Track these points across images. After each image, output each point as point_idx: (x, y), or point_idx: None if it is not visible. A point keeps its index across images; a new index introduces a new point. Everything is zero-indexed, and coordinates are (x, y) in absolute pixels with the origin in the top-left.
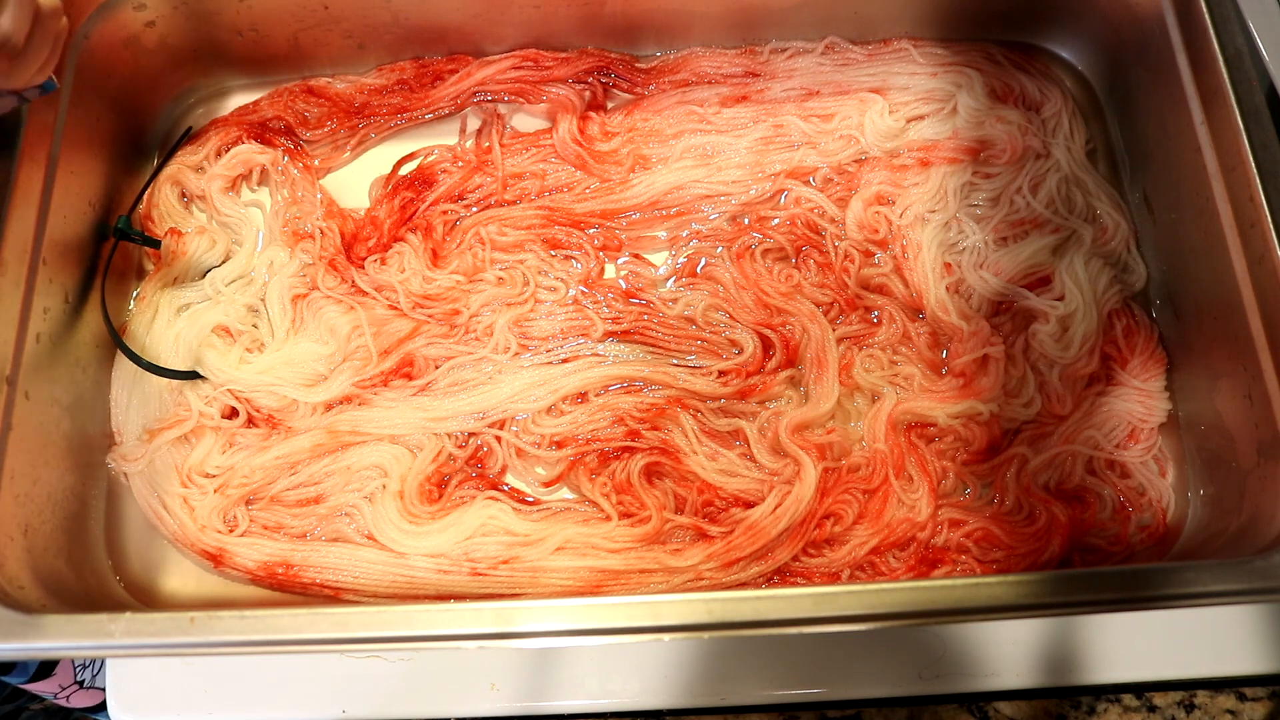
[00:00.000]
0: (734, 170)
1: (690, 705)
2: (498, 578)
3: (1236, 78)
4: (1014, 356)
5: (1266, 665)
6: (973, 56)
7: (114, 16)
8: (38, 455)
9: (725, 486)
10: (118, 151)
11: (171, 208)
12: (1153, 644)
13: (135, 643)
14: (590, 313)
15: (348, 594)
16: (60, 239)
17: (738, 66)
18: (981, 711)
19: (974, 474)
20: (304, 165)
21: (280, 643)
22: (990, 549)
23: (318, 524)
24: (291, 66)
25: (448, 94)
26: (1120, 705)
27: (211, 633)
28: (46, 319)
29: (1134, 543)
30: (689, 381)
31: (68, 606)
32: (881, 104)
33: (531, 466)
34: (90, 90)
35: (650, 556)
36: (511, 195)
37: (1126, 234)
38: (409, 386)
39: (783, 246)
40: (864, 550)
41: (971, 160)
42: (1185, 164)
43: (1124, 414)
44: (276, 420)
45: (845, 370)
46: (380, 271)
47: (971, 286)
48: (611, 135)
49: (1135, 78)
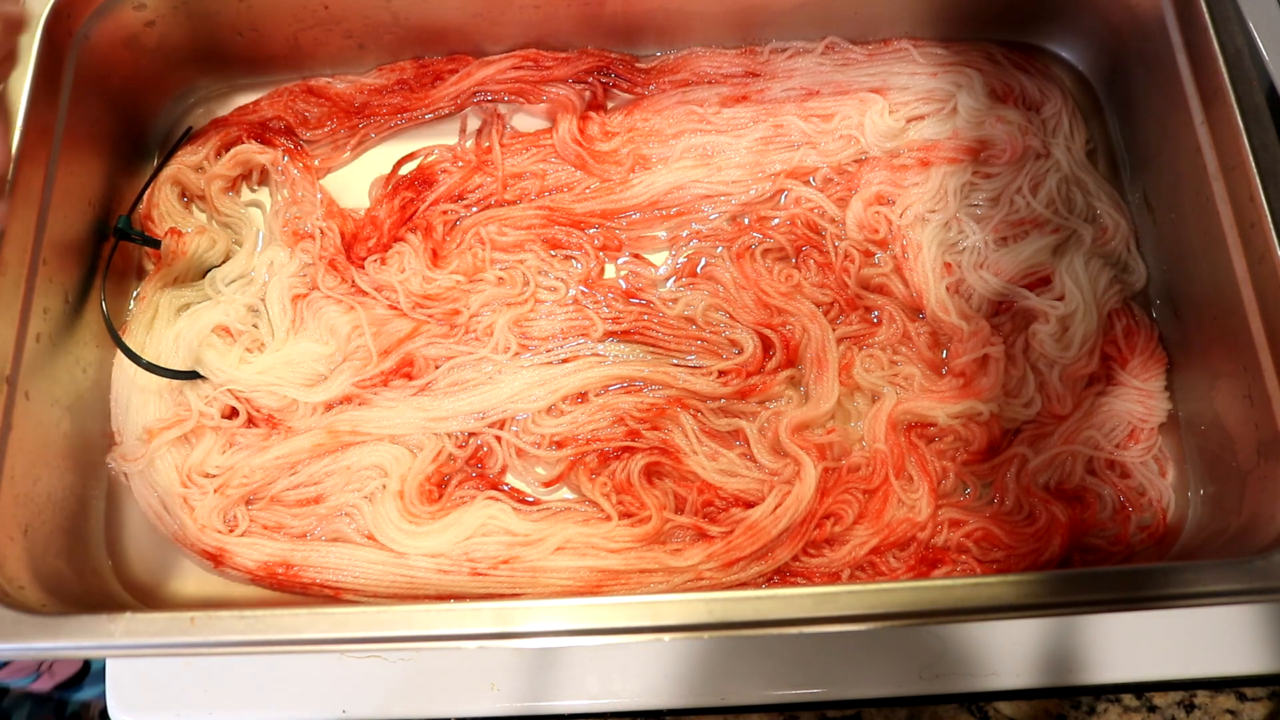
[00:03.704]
0: (734, 170)
1: (690, 705)
2: (498, 578)
3: (1236, 78)
4: (1014, 356)
5: (1266, 665)
6: (973, 56)
7: (114, 16)
8: (38, 455)
9: (725, 486)
10: (118, 151)
11: (171, 208)
12: (1153, 644)
13: (135, 643)
14: (590, 313)
15: (348, 594)
16: (60, 239)
17: (738, 66)
18: (981, 711)
19: (974, 474)
20: (304, 165)
21: (280, 643)
22: (990, 549)
23: (318, 524)
24: (291, 66)
25: (448, 94)
26: (1120, 705)
27: (211, 633)
28: (46, 319)
29: (1134, 543)
30: (689, 381)
31: (68, 606)
32: (881, 104)
33: (531, 466)
34: (90, 90)
35: (650, 556)
36: (511, 195)
37: (1126, 234)
38: (409, 386)
39: (783, 246)
40: (864, 550)
41: (971, 160)
42: (1185, 164)
43: (1124, 414)
44: (276, 420)
45: (845, 370)
46: (380, 271)
47: (971, 286)
48: (611, 135)
49: (1135, 78)
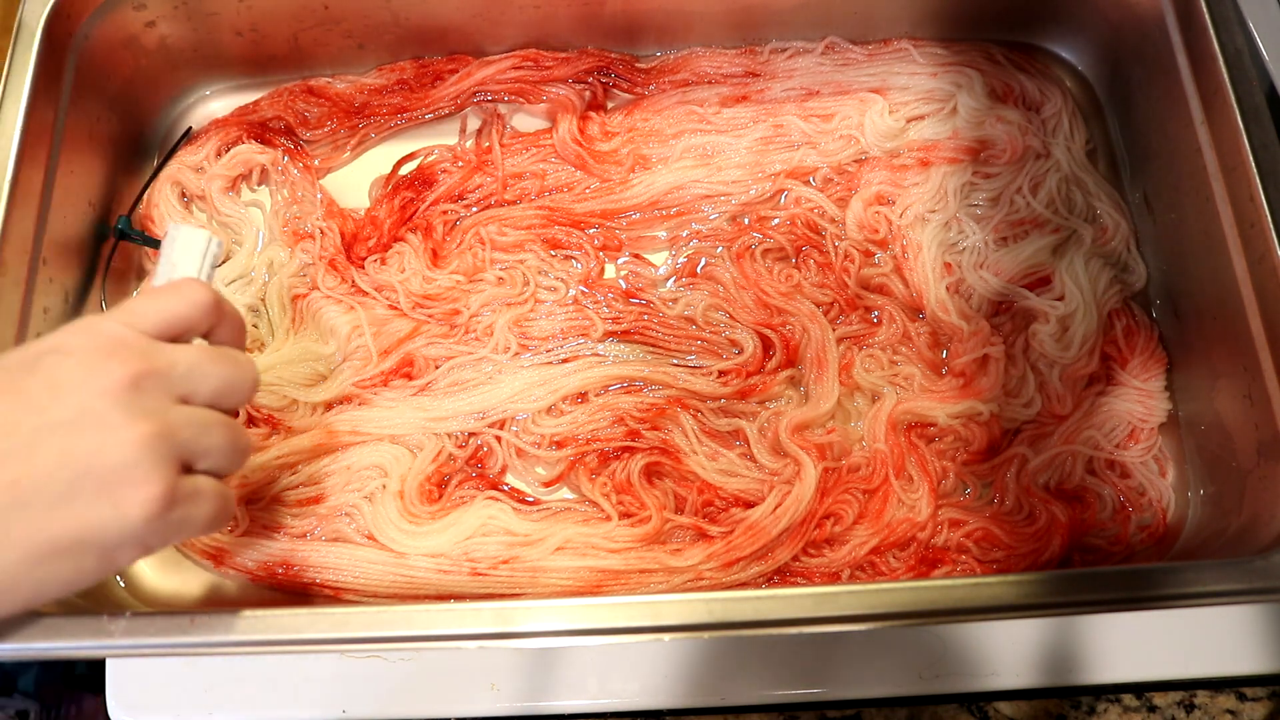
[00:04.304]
0: (734, 170)
1: (690, 705)
2: (498, 578)
3: (1236, 78)
4: (1014, 356)
5: (1266, 665)
6: (973, 56)
7: (114, 16)
8: None
9: (725, 486)
10: (118, 151)
11: (171, 208)
12: (1153, 644)
13: (135, 643)
14: (590, 313)
15: (348, 594)
16: (60, 239)
17: (738, 66)
18: (981, 711)
19: (974, 474)
20: (304, 165)
21: (280, 643)
22: (990, 549)
23: (318, 524)
24: (291, 66)
25: (448, 94)
26: (1120, 705)
27: (211, 633)
28: (46, 319)
29: (1134, 543)
30: (689, 381)
31: (68, 607)
32: (881, 104)
33: (531, 466)
34: (90, 90)
35: (650, 556)
36: (511, 195)
37: (1126, 234)
38: (409, 386)
39: (783, 246)
40: (864, 550)
41: (971, 160)
42: (1185, 164)
43: (1124, 414)
44: (276, 420)
45: (845, 370)
46: (380, 271)
47: (971, 286)
48: (611, 135)
49: (1135, 78)
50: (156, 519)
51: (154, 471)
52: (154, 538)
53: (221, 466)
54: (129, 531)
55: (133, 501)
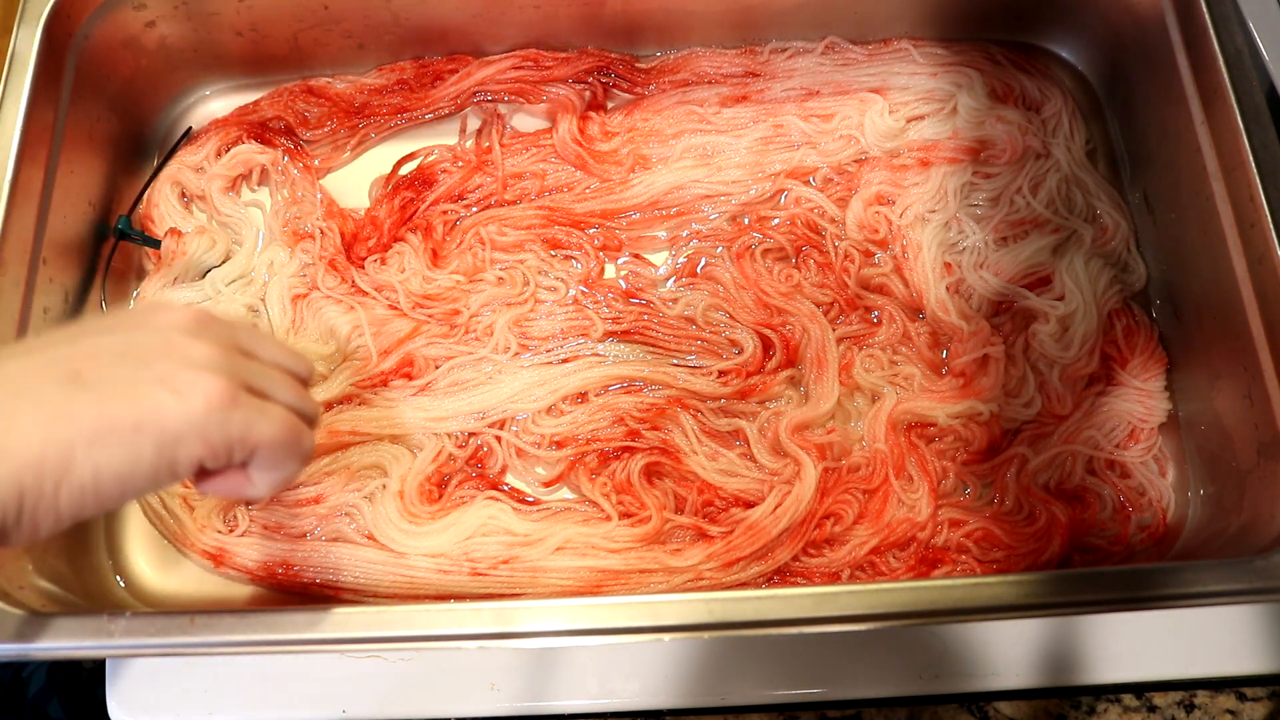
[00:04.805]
0: (734, 170)
1: (690, 705)
2: (498, 578)
3: (1236, 78)
4: (1014, 356)
5: (1266, 665)
6: (973, 56)
7: (114, 16)
8: None
9: (725, 486)
10: (118, 151)
11: (171, 208)
12: (1153, 644)
13: (135, 643)
14: (590, 313)
15: (348, 594)
16: (60, 239)
17: (738, 66)
18: (981, 711)
19: (974, 474)
20: (304, 165)
21: (280, 643)
22: (990, 549)
23: (318, 524)
24: (291, 66)
25: (448, 94)
26: (1120, 705)
27: (211, 633)
28: (46, 319)
29: (1134, 543)
30: (689, 381)
31: (68, 606)
32: (881, 104)
33: (531, 466)
34: (90, 90)
35: (650, 556)
36: (511, 195)
37: (1126, 234)
38: (409, 386)
39: (783, 246)
40: (864, 550)
41: (971, 160)
42: (1185, 164)
43: (1124, 414)
44: None
45: (845, 370)
46: (380, 271)
47: (971, 286)
48: (611, 135)
49: (1135, 78)
50: (218, 411)
51: (219, 371)
52: (215, 432)
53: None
54: (188, 420)
55: (196, 390)
